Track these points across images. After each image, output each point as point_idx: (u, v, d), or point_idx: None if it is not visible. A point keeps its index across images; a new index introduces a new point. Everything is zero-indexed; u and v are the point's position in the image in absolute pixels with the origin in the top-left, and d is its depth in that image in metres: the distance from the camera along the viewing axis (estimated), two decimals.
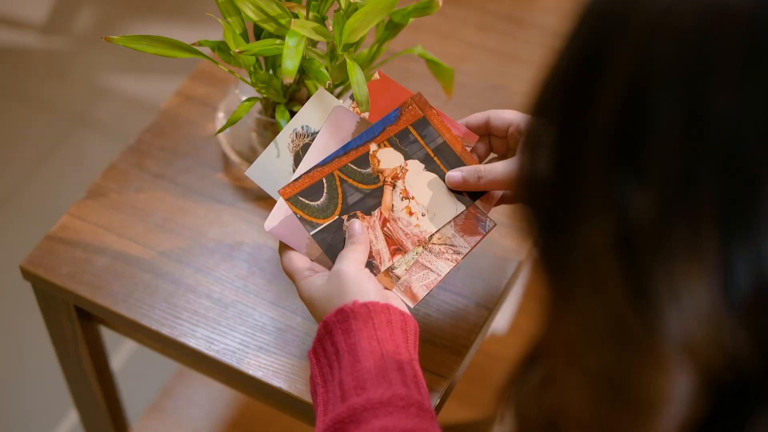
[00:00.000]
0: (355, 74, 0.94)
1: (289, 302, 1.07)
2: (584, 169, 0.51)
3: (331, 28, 0.98)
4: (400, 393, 0.78)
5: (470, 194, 0.95)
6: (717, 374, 0.51)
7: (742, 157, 0.47)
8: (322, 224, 0.91)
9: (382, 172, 0.93)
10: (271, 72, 1.05)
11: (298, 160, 0.94)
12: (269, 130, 1.11)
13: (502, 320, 1.68)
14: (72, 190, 1.94)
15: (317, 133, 0.94)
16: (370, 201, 0.93)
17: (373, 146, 0.93)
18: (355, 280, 0.86)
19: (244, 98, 1.06)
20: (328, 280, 0.87)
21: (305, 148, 0.94)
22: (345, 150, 0.93)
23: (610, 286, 0.50)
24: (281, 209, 0.92)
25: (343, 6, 0.96)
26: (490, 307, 1.07)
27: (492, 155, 0.99)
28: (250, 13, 0.96)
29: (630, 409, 0.55)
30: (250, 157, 1.16)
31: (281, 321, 1.06)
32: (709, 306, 0.48)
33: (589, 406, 0.56)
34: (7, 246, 2.01)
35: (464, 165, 0.95)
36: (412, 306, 0.91)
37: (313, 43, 1.02)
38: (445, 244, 0.93)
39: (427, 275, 0.93)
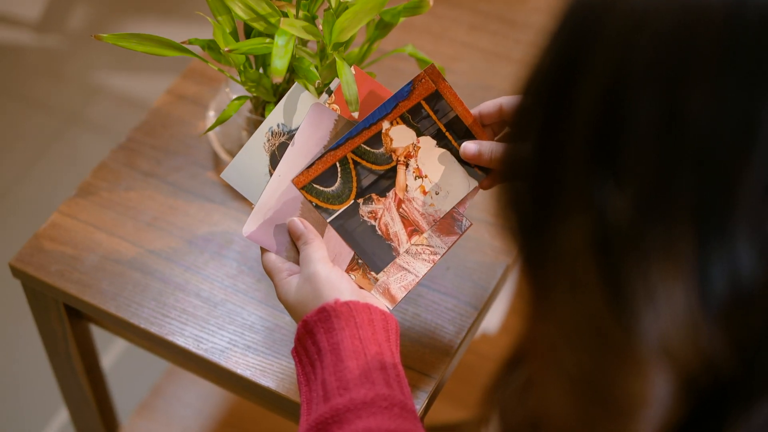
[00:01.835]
0: (345, 73, 0.93)
1: (278, 301, 1.07)
2: (564, 169, 0.51)
3: (321, 27, 0.98)
4: (383, 393, 0.78)
5: (482, 169, 0.94)
6: (695, 377, 0.51)
7: (718, 158, 0.47)
8: (337, 210, 0.90)
9: (395, 151, 0.92)
10: (261, 71, 1.05)
11: (274, 159, 0.92)
12: None
13: (493, 320, 1.68)
14: (64, 188, 1.94)
15: (294, 131, 0.93)
16: (384, 182, 0.92)
17: (385, 124, 0.92)
18: (328, 280, 0.85)
19: (234, 97, 1.06)
20: (302, 285, 0.86)
21: (282, 147, 0.93)
22: (357, 130, 0.91)
23: (588, 286, 0.51)
24: (259, 214, 0.91)
25: (333, 5, 0.96)
26: (479, 307, 1.07)
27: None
28: (240, 11, 0.96)
29: (609, 411, 0.55)
30: None
31: (270, 320, 1.06)
32: (686, 308, 0.48)
33: (569, 407, 0.56)
34: None
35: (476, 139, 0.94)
36: (391, 307, 0.91)
37: (303, 42, 1.02)
38: (422, 245, 0.93)
39: (405, 276, 0.92)
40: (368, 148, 0.92)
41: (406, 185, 0.92)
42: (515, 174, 0.55)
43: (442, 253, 0.93)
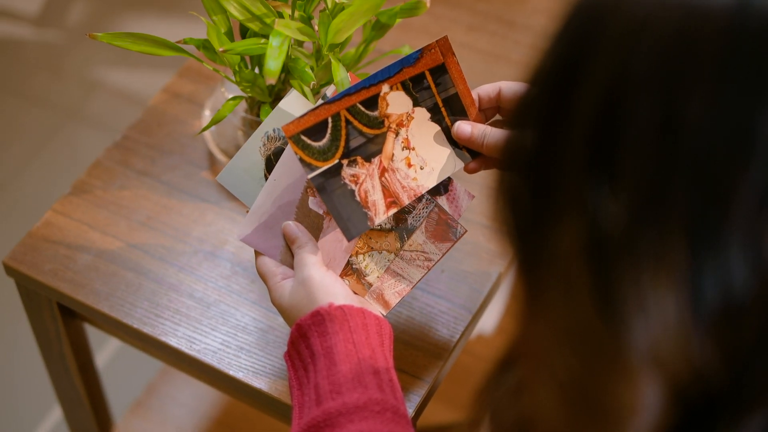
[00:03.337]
0: (339, 74, 0.93)
1: (272, 303, 1.06)
2: (561, 172, 0.50)
3: (316, 28, 0.98)
4: (375, 398, 0.78)
5: (470, 152, 0.93)
6: (684, 387, 0.51)
7: (713, 167, 0.46)
8: (320, 167, 0.87)
9: (388, 116, 0.90)
10: (256, 71, 1.04)
11: (270, 164, 0.92)
12: (254, 128, 1.11)
13: (489, 321, 1.68)
14: (61, 186, 1.94)
15: None
16: (371, 147, 0.90)
17: (385, 87, 0.90)
18: (322, 284, 0.85)
19: (229, 96, 1.06)
20: (296, 289, 0.86)
21: (277, 152, 0.92)
22: (356, 88, 0.89)
23: (579, 291, 0.50)
24: (253, 217, 0.91)
25: (328, 6, 0.96)
26: (473, 310, 1.06)
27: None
28: (235, 11, 0.96)
29: (597, 417, 0.54)
30: None
31: (263, 321, 1.05)
32: (676, 318, 0.48)
33: (558, 411, 0.56)
34: None
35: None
36: (384, 313, 0.90)
37: (299, 43, 1.01)
38: (417, 251, 0.92)
39: (399, 282, 0.92)
40: (363, 109, 0.89)
41: (393, 154, 0.91)
42: (515, 165, 0.55)
43: (436, 260, 0.92)
